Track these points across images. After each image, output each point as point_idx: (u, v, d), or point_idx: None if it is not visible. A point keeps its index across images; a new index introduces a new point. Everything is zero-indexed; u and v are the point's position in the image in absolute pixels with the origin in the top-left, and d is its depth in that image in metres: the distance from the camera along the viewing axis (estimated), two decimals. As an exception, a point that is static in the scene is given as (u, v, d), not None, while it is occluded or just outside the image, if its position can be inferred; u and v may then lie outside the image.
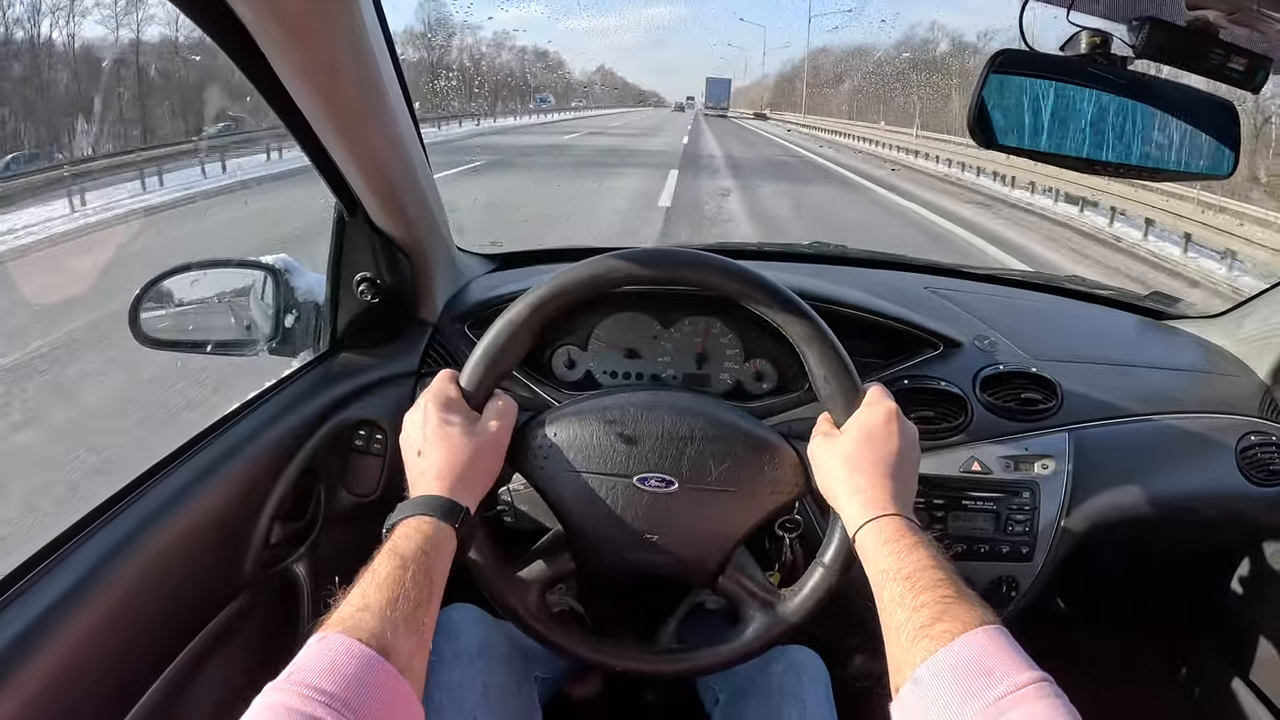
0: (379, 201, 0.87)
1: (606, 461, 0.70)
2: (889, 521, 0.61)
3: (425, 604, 0.56)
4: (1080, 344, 1.11)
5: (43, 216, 6.47)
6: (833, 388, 0.69)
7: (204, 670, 0.77)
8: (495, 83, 40.80)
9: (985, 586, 0.95)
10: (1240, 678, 1.18)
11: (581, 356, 0.99)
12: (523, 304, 0.70)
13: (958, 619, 0.51)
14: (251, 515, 0.82)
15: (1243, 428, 1.05)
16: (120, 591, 0.67)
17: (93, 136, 9.74)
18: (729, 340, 0.99)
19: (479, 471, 0.67)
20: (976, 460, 0.95)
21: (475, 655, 0.77)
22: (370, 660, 0.49)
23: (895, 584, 0.56)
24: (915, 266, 1.29)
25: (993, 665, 0.48)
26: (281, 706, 0.46)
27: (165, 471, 0.76)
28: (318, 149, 0.78)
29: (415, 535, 0.60)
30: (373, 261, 0.93)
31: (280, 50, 0.64)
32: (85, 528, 0.68)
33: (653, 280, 0.73)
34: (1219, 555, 1.20)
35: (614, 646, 0.74)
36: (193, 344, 0.98)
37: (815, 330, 0.69)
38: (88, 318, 3.60)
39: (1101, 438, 0.99)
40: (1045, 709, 0.45)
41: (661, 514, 0.69)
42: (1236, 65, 0.68)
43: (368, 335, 0.97)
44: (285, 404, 0.89)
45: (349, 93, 0.72)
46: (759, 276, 0.71)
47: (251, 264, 0.98)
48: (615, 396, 0.74)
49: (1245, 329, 1.16)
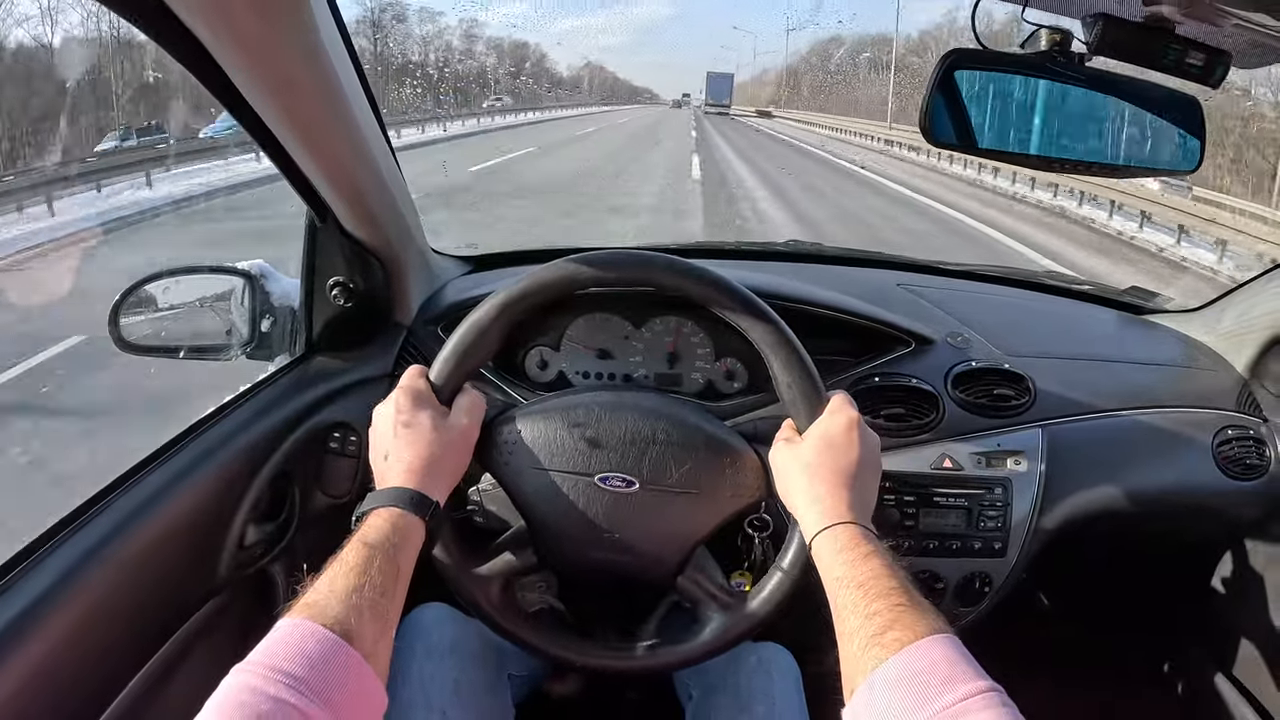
0: (348, 208, 0.88)
1: (569, 460, 0.71)
2: (844, 530, 0.61)
3: (390, 592, 0.57)
4: (1055, 340, 1.11)
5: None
6: (795, 394, 0.69)
7: (180, 670, 0.78)
8: (456, 78, 34.83)
9: (958, 583, 0.95)
10: (1222, 672, 1.18)
11: (554, 357, 1.00)
12: (493, 302, 0.71)
13: (909, 627, 0.52)
14: (226, 517, 0.84)
15: (1220, 422, 1.04)
16: (95, 594, 0.68)
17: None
18: (700, 340, 0.99)
19: (448, 465, 0.68)
20: (948, 457, 0.95)
21: (447, 652, 0.78)
22: (334, 644, 0.51)
23: (848, 591, 0.57)
24: (890, 264, 1.29)
25: (942, 674, 0.49)
26: (246, 688, 0.47)
27: (139, 476, 0.77)
28: (285, 159, 0.79)
29: (384, 525, 0.61)
30: (345, 267, 0.94)
31: (239, 68, 0.65)
32: (60, 532, 0.69)
33: (621, 282, 0.74)
34: (1198, 551, 1.20)
35: (574, 642, 0.75)
36: (170, 349, 0.99)
37: (779, 336, 0.70)
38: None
39: (1075, 433, 1.00)
40: (994, 718, 0.46)
41: (622, 513, 0.70)
42: (1195, 60, 0.68)
43: (342, 339, 0.98)
44: (260, 407, 0.90)
45: (311, 106, 0.72)
46: (725, 281, 0.71)
47: (227, 269, 0.99)
48: (582, 396, 0.75)
49: (1223, 323, 1.15)
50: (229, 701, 0.47)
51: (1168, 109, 0.76)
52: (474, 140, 18.49)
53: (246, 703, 0.46)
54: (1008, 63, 0.68)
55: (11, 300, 4.95)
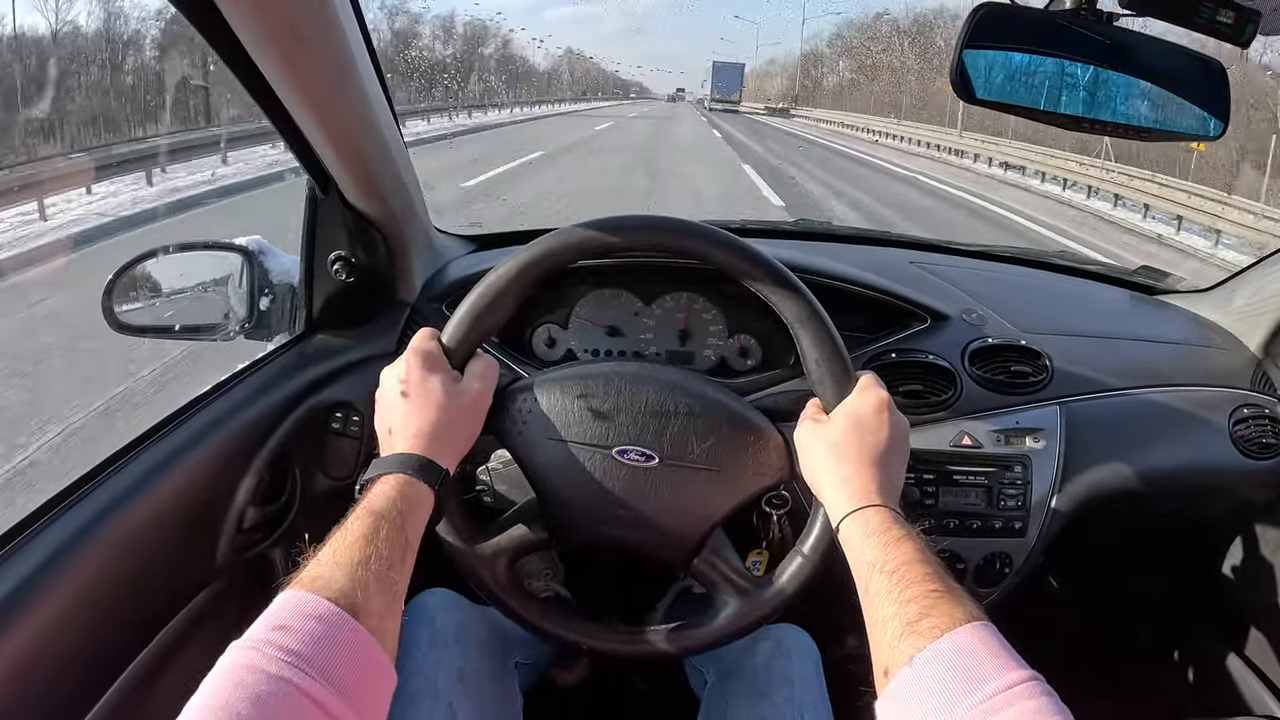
0: (352, 177, 0.85)
1: (587, 431, 0.68)
2: (875, 513, 0.59)
3: (399, 564, 0.54)
4: (1070, 318, 1.10)
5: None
6: (824, 372, 0.66)
7: (180, 653, 0.75)
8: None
9: (978, 563, 0.94)
10: (1235, 653, 1.17)
11: (562, 335, 0.97)
12: (513, 263, 0.68)
13: (946, 615, 0.50)
14: (224, 499, 0.81)
15: (1235, 401, 1.04)
16: (88, 576, 0.65)
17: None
18: (712, 316, 0.97)
19: (459, 432, 0.65)
20: (967, 434, 0.93)
21: (451, 640, 0.76)
22: (338, 619, 0.47)
23: (881, 577, 0.54)
24: (901, 243, 1.28)
25: (983, 663, 0.47)
26: (245, 665, 0.44)
27: (132, 455, 0.74)
28: (287, 122, 0.76)
29: (391, 493, 0.58)
30: (347, 240, 0.91)
31: (248, 23, 0.63)
32: (51, 509, 0.66)
33: (647, 247, 0.70)
34: (1212, 530, 1.19)
35: (582, 623, 0.73)
36: (166, 329, 0.96)
37: (811, 311, 0.67)
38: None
39: (1093, 411, 0.98)
40: (1036, 708, 0.44)
41: (640, 488, 0.67)
42: (1225, 19, 0.67)
43: (344, 316, 0.95)
44: (259, 386, 0.87)
45: (314, 61, 0.69)
46: (756, 251, 0.68)
47: (224, 246, 0.96)
48: (601, 366, 0.71)
49: (1236, 302, 1.15)
50: (226, 680, 0.43)
51: (1193, 74, 0.75)
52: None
53: (244, 682, 0.43)
54: (1036, 19, 0.66)
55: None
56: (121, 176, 7.05)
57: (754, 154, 16.38)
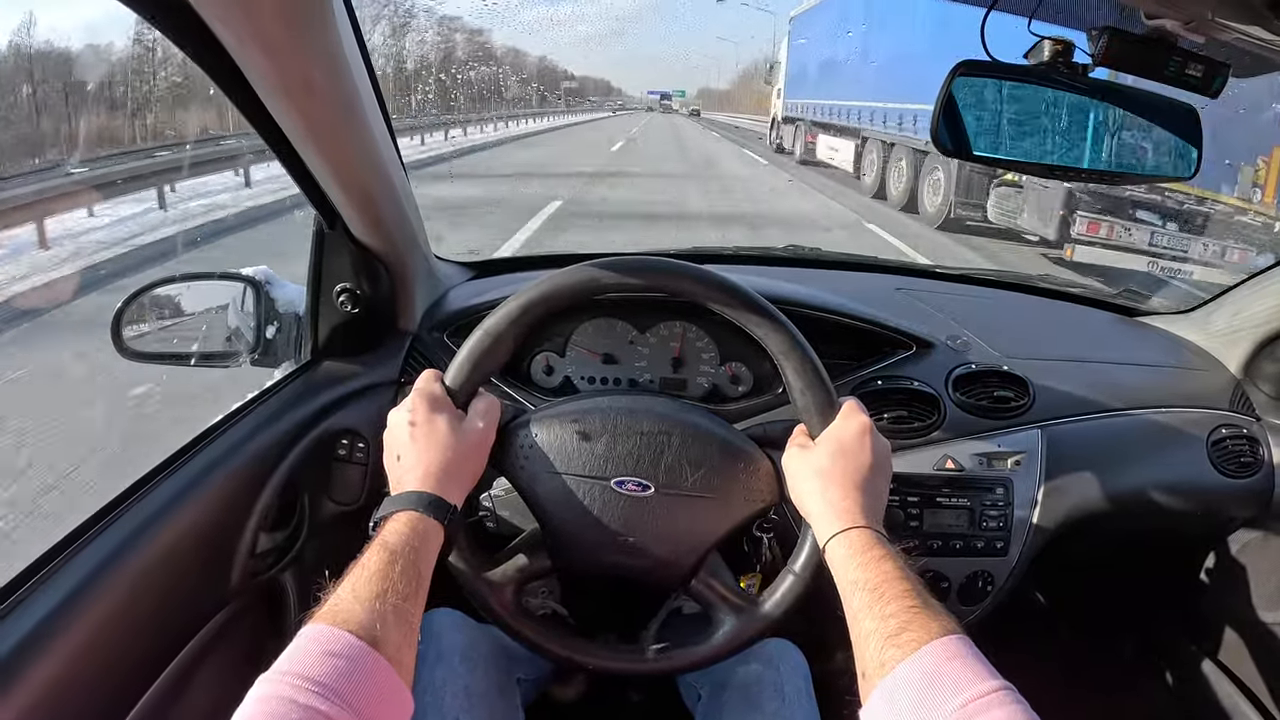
0: (357, 214, 0.87)
1: (585, 464, 0.71)
2: (859, 534, 0.62)
3: (413, 597, 0.57)
4: (1051, 342, 1.13)
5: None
6: (808, 400, 0.70)
7: (195, 678, 0.78)
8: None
9: (962, 582, 0.97)
10: (1217, 666, 1.20)
11: (560, 363, 1.00)
12: (511, 305, 0.71)
13: (923, 628, 0.53)
14: (237, 526, 0.83)
15: (1214, 421, 1.07)
16: (110, 606, 0.68)
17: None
18: (705, 344, 1.00)
19: (465, 469, 0.68)
20: (950, 458, 0.96)
21: (457, 658, 0.79)
22: (360, 651, 0.51)
23: (863, 594, 0.58)
24: (888, 268, 1.31)
25: (957, 673, 0.50)
26: (276, 698, 0.47)
27: (150, 486, 0.77)
28: (296, 163, 0.79)
29: (404, 530, 0.61)
30: (352, 273, 0.93)
31: (258, 69, 0.65)
32: (74, 542, 0.69)
33: (635, 289, 0.74)
34: (1192, 547, 1.22)
35: (585, 644, 0.76)
36: (175, 356, 0.99)
37: (793, 343, 0.71)
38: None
39: (1074, 434, 1.01)
40: (1007, 715, 0.47)
41: (637, 517, 0.71)
42: (1194, 71, 0.70)
43: (348, 345, 0.98)
44: (268, 415, 0.90)
45: (326, 109, 0.72)
46: (739, 288, 0.72)
47: (232, 276, 0.98)
48: (595, 400, 0.75)
49: (1215, 323, 1.17)
50: (258, 711, 0.47)
51: (1166, 117, 0.78)
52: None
53: (277, 712, 0.46)
54: (1013, 73, 0.69)
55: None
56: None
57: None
